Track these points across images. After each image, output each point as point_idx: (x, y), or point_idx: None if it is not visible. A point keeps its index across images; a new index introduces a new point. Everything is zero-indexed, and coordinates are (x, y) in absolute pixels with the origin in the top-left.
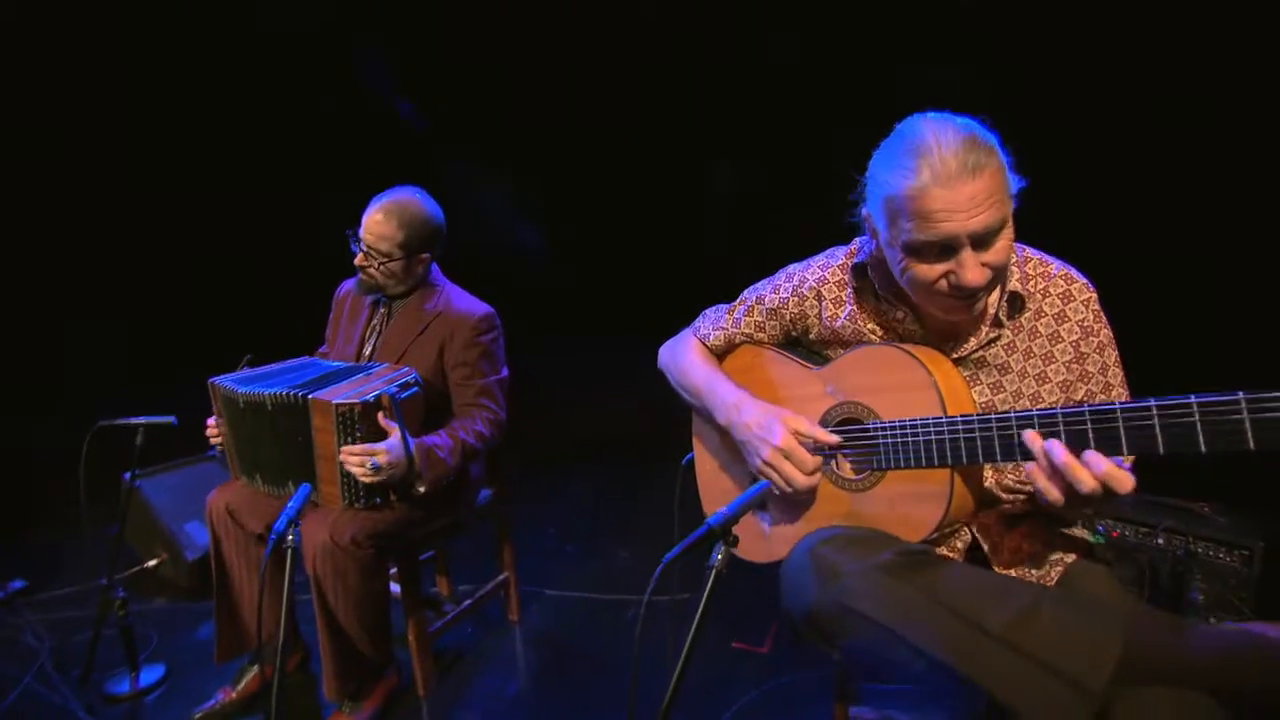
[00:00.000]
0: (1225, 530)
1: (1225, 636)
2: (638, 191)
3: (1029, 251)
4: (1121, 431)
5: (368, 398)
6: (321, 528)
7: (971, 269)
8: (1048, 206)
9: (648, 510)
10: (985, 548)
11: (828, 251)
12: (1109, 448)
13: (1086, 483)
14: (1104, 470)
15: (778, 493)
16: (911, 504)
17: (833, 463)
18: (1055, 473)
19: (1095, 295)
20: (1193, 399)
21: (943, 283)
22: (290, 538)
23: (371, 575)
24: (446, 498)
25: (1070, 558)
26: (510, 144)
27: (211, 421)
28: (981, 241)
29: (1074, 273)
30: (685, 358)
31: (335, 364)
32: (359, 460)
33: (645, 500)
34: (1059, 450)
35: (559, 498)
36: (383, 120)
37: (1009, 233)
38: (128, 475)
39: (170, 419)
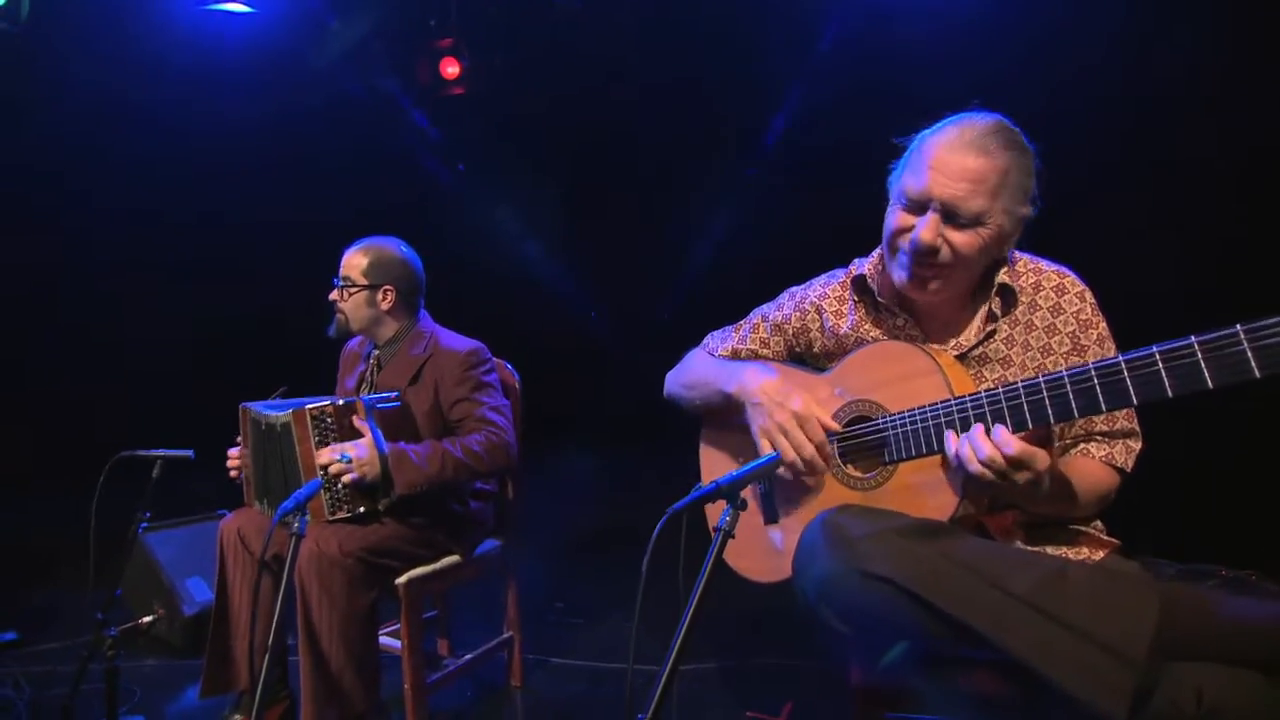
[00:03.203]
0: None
1: (1264, 608)
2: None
3: (1020, 254)
4: (1129, 382)
5: (338, 401)
6: (308, 539)
7: (928, 229)
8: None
9: (658, 581)
10: None
11: (828, 273)
12: (1119, 400)
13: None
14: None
15: (785, 461)
16: (926, 494)
17: (847, 465)
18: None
19: (1089, 291)
20: (1192, 338)
21: (904, 238)
22: (296, 524)
23: (358, 590)
24: (441, 526)
25: (1100, 554)
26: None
27: (234, 451)
28: (950, 215)
29: (1067, 270)
30: (694, 360)
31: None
32: (332, 456)
33: (656, 573)
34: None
35: (567, 572)
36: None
37: (984, 234)
38: (141, 525)
39: (188, 453)
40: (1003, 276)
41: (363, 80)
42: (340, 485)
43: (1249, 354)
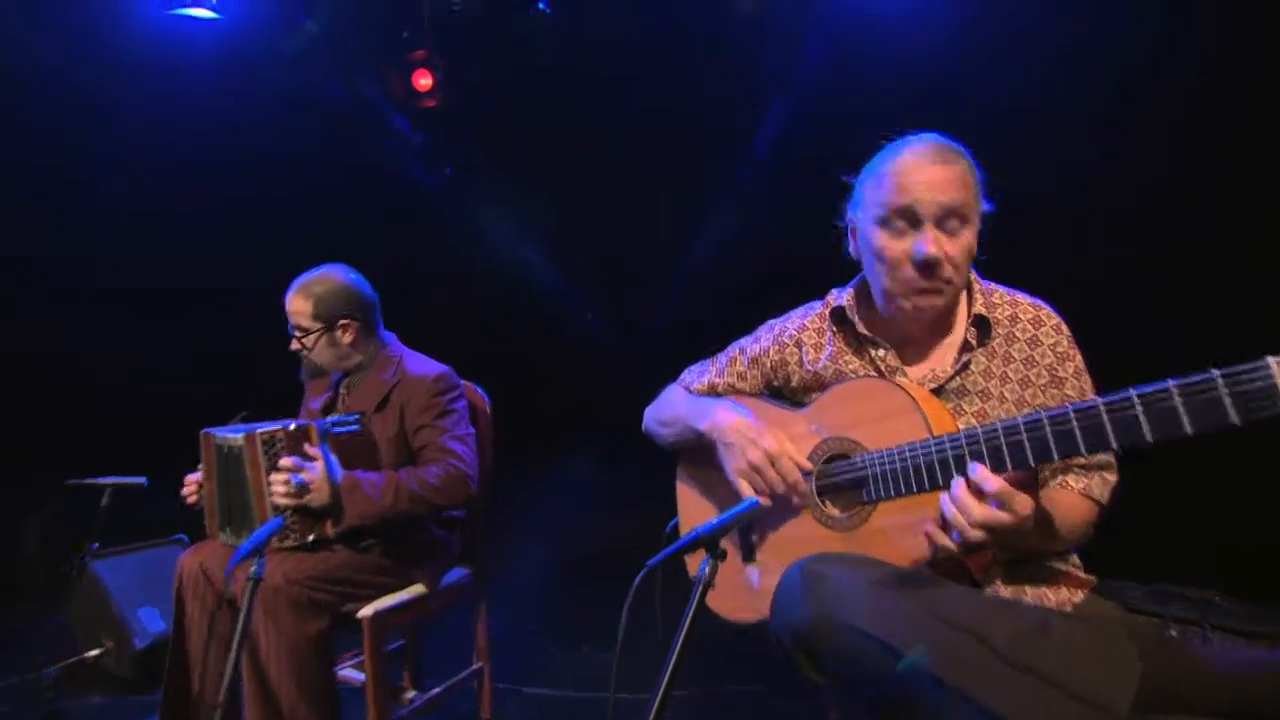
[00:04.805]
0: (1244, 619)
1: (1249, 659)
2: None
3: (995, 285)
4: (1107, 425)
5: (290, 425)
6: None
7: (931, 241)
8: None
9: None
10: (986, 589)
11: (806, 305)
12: (1098, 443)
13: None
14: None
15: (762, 501)
16: (904, 535)
17: (825, 503)
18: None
19: (1065, 324)
20: (1170, 383)
21: (905, 263)
22: (254, 567)
23: (304, 618)
24: (396, 554)
25: (1079, 596)
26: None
27: (192, 477)
28: (943, 221)
29: (1043, 304)
30: (670, 396)
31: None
32: (282, 478)
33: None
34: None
35: (540, 599)
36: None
37: (970, 235)
38: (89, 551)
39: (141, 480)
40: (979, 308)
41: (343, 89)
42: (289, 513)
43: (1226, 399)
